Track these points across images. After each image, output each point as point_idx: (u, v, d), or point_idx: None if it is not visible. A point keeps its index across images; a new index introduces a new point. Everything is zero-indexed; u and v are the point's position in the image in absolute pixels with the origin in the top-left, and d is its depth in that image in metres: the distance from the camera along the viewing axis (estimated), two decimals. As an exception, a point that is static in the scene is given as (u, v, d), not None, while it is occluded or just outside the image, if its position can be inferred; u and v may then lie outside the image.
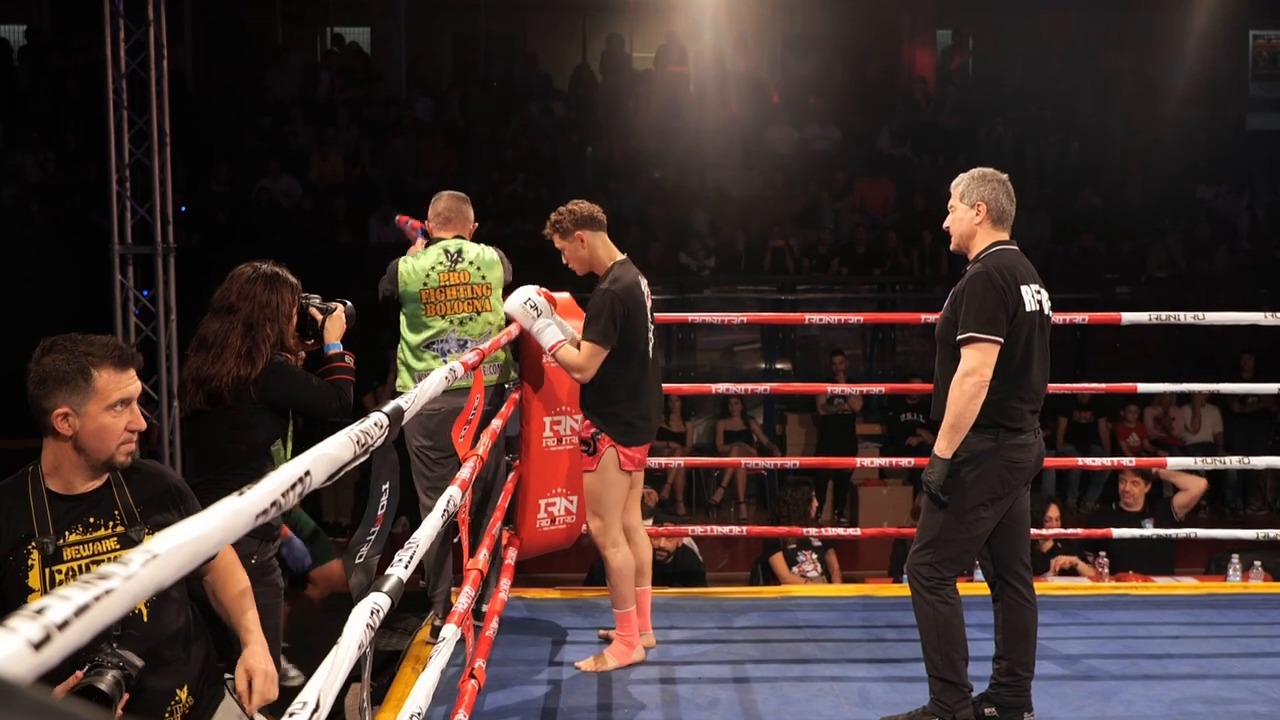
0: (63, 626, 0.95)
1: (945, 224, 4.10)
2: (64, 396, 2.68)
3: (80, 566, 2.77)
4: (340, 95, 15.75)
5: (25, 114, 14.38)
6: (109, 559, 2.81)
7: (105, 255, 8.96)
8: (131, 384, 2.77)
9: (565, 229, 4.64)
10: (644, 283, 4.68)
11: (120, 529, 2.81)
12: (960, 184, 4.06)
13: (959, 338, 3.85)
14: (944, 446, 3.87)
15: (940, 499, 3.89)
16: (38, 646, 0.92)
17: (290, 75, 16.08)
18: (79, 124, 13.84)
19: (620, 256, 4.69)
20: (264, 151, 14.58)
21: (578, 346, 4.55)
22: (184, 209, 12.92)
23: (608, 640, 4.91)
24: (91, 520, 2.78)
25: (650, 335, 4.71)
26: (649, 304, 4.69)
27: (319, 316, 4.04)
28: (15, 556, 2.68)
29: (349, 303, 4.26)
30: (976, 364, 3.81)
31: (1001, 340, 3.82)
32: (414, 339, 4.90)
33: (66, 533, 2.75)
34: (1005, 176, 4.06)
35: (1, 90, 14.71)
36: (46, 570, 2.70)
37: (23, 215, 13.21)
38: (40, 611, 0.96)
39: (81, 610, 0.97)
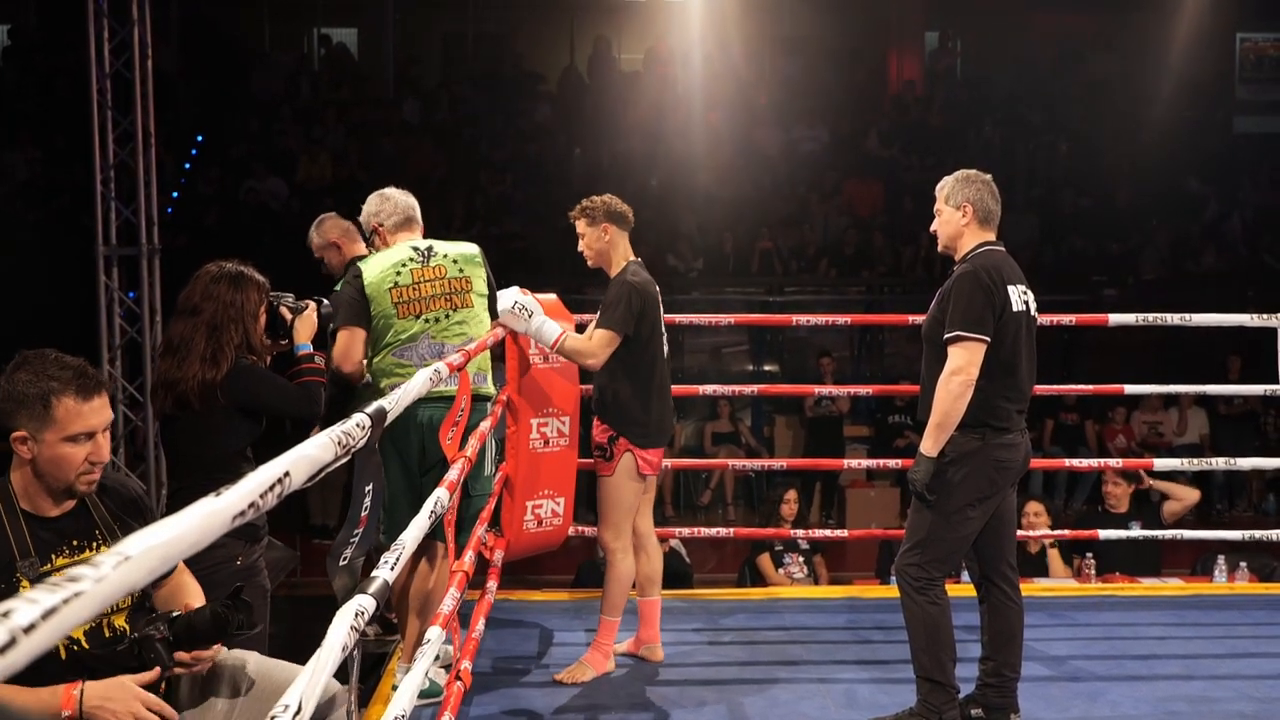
0: (29, 630, 0.93)
1: (932, 227, 4.11)
2: (23, 420, 2.62)
3: None
4: (328, 96, 15.71)
5: (12, 113, 14.33)
6: None
7: (90, 256, 8.93)
8: (95, 415, 2.67)
9: (595, 217, 4.60)
10: (655, 286, 4.66)
11: (104, 548, 2.73)
12: (945, 186, 4.06)
13: (946, 336, 3.86)
14: (930, 445, 3.86)
15: (926, 498, 3.89)
16: (2, 650, 0.90)
17: (277, 76, 16.04)
18: (67, 124, 13.78)
19: (635, 258, 4.66)
20: (251, 152, 14.54)
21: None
22: (170, 210, 12.89)
23: (631, 655, 4.88)
24: (75, 543, 2.73)
25: (664, 338, 4.68)
26: (660, 307, 4.67)
27: (289, 316, 3.96)
28: (5, 584, 2.61)
29: (325, 300, 4.15)
30: (963, 363, 3.81)
31: (988, 339, 3.83)
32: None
33: (53, 556, 2.68)
34: (989, 177, 4.06)
35: (-12, 90, 14.67)
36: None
37: (10, 215, 13.16)
38: (6, 615, 0.94)
39: (49, 613, 0.95)
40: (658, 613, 4.88)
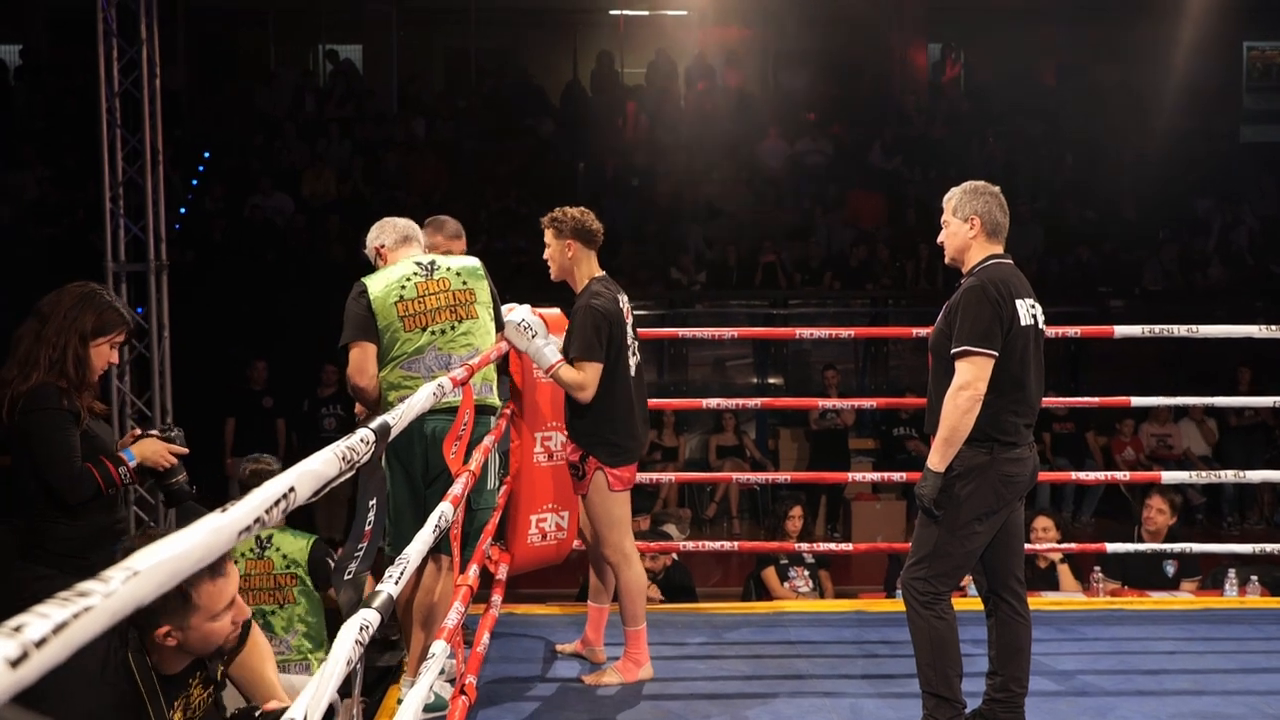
0: (40, 644, 0.93)
1: (939, 239, 4.10)
2: (166, 618, 2.57)
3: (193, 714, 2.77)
4: (333, 112, 15.78)
5: (22, 133, 14.40)
6: (199, 701, 2.82)
7: (99, 273, 8.96)
8: (230, 583, 2.65)
9: (562, 230, 4.60)
10: (624, 299, 4.66)
11: (199, 677, 2.81)
12: (953, 198, 4.06)
13: (953, 351, 3.85)
14: (937, 460, 3.86)
15: (933, 513, 3.88)
16: (15, 664, 0.91)
17: (283, 92, 16.11)
18: (76, 142, 13.85)
19: (600, 273, 4.65)
20: (257, 168, 14.60)
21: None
22: (177, 227, 12.94)
23: (576, 656, 4.97)
24: (189, 680, 2.78)
25: (633, 352, 4.68)
26: (630, 320, 4.67)
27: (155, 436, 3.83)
28: None
29: (182, 438, 3.97)
30: (971, 377, 3.80)
31: (996, 354, 3.82)
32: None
33: (175, 702, 2.72)
34: (997, 189, 4.06)
35: (-3, 109, 14.75)
36: None
37: (20, 234, 13.20)
38: (19, 629, 0.95)
39: (60, 628, 0.95)
40: (605, 618, 4.97)
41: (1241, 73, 17.79)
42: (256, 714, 2.87)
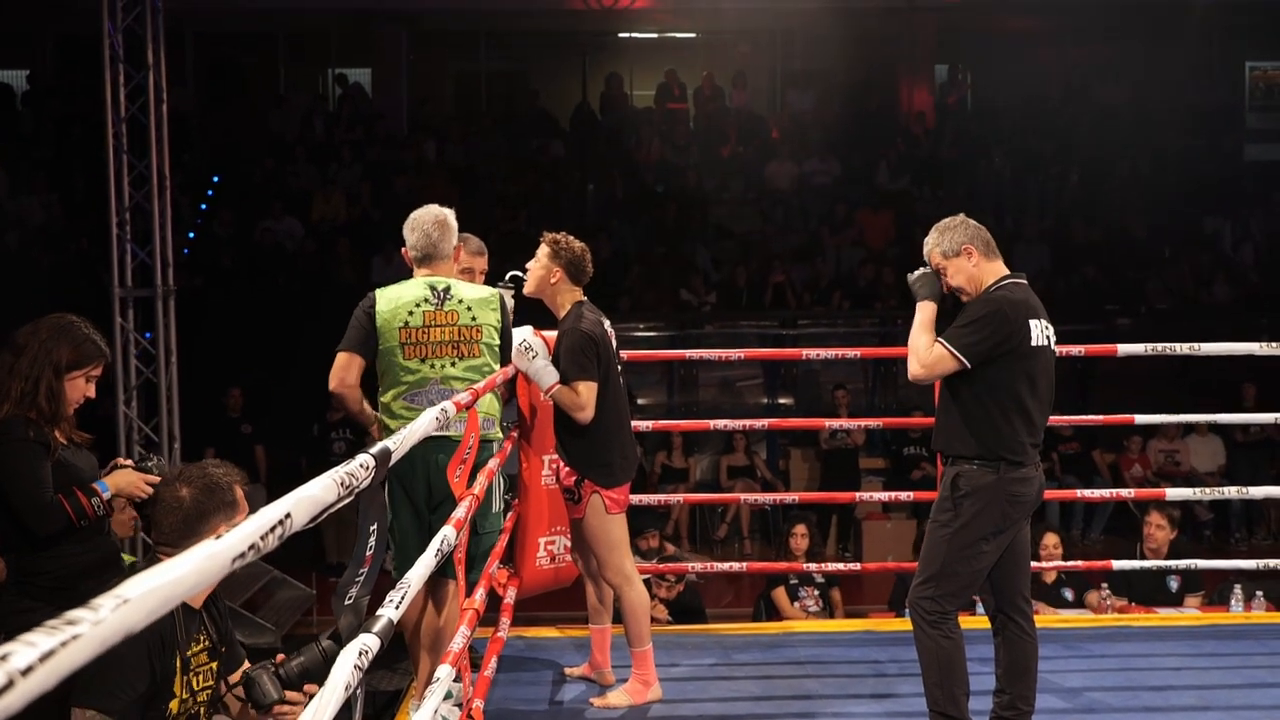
0: (26, 672, 0.94)
1: (947, 286, 4.03)
2: (219, 519, 2.94)
3: (197, 677, 2.93)
4: (343, 135, 15.84)
5: (29, 158, 14.48)
6: (207, 669, 3.01)
7: (106, 299, 9.00)
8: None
9: (558, 254, 4.67)
10: (607, 322, 4.70)
11: (206, 641, 2.98)
12: (938, 245, 3.99)
13: (941, 336, 3.89)
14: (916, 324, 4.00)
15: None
16: (0, 693, 0.92)
17: (292, 115, 16.19)
18: (83, 167, 13.93)
19: (583, 298, 4.69)
20: (266, 192, 14.65)
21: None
22: (186, 251, 12.99)
23: (585, 679, 4.94)
24: (197, 635, 2.95)
25: (619, 372, 4.72)
26: (614, 343, 4.70)
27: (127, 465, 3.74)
28: (171, 664, 2.82)
29: (161, 467, 3.81)
30: (933, 361, 3.89)
31: (969, 366, 3.84)
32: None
33: (191, 643, 2.89)
34: (962, 215, 4.07)
35: (5, 135, 14.81)
36: (184, 678, 2.85)
37: (26, 259, 13.26)
38: (4, 658, 0.95)
39: (47, 656, 0.96)
40: (608, 639, 4.93)
41: (1244, 92, 17.84)
42: (278, 660, 2.98)
